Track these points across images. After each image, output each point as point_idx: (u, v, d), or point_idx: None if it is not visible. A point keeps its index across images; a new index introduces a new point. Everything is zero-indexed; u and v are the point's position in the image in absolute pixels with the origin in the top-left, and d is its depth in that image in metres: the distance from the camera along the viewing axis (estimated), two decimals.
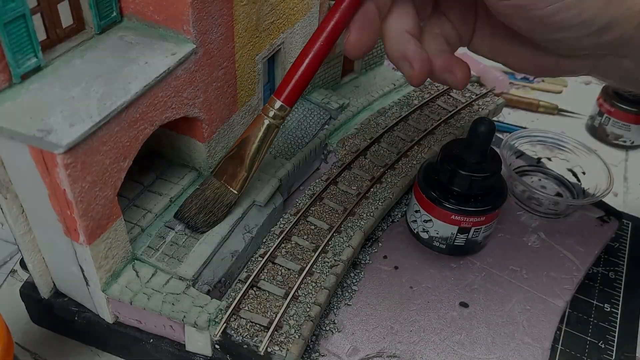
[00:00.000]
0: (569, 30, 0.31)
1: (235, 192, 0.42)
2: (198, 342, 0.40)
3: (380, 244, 0.51)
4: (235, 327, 0.39)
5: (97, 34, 0.37)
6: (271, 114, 0.39)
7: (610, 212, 0.55)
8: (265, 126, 0.40)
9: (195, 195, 0.43)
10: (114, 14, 0.38)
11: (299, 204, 0.49)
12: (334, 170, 0.52)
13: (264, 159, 0.43)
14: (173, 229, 0.43)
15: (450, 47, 0.36)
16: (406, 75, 0.34)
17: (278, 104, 0.38)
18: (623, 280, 0.52)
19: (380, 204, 0.49)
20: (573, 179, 0.59)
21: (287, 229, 0.46)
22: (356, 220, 0.48)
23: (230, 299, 0.40)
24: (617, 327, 0.48)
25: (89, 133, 0.31)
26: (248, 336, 0.38)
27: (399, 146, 0.55)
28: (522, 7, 0.30)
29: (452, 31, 0.37)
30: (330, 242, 0.45)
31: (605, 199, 0.55)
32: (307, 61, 0.36)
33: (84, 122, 0.31)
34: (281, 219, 0.47)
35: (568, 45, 0.33)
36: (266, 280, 0.42)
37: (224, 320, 0.38)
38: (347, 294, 0.46)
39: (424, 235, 0.49)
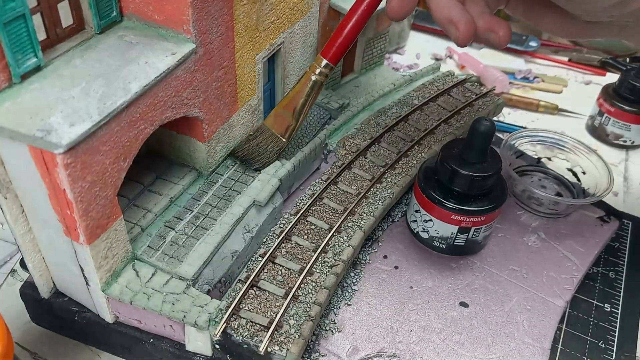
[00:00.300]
0: (595, 1, 0.34)
1: (284, 140, 0.48)
2: (198, 342, 0.40)
3: (380, 244, 0.51)
4: (235, 327, 0.39)
5: (97, 33, 0.37)
6: (317, 71, 0.44)
7: (610, 212, 0.55)
8: (312, 82, 0.45)
9: (248, 140, 0.48)
10: (114, 13, 0.38)
11: (299, 203, 0.49)
12: (334, 170, 0.52)
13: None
14: (173, 229, 0.43)
15: (490, 9, 0.39)
16: (453, 37, 0.37)
17: (324, 62, 0.43)
18: (623, 280, 0.52)
19: (380, 203, 0.49)
20: (573, 179, 0.59)
21: (287, 228, 0.46)
22: (356, 220, 0.48)
23: (230, 299, 0.40)
24: (617, 327, 0.48)
25: (89, 133, 0.31)
26: (248, 336, 0.38)
27: (399, 146, 0.55)
28: None
29: None
30: (330, 242, 0.45)
31: (606, 199, 0.55)
32: (351, 24, 0.41)
33: (84, 122, 0.31)
34: (281, 219, 0.47)
35: (595, 14, 0.36)
36: (266, 280, 0.42)
37: (224, 320, 0.38)
38: (347, 294, 0.46)
39: (424, 235, 0.49)
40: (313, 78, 0.44)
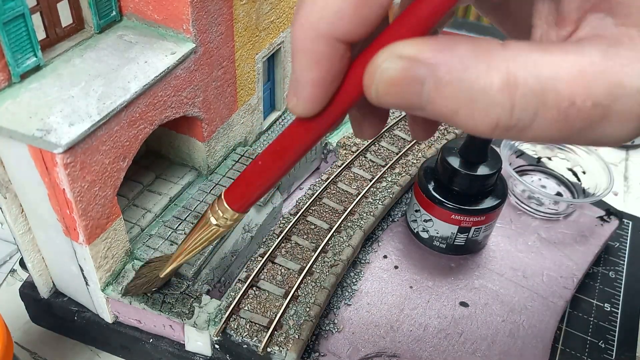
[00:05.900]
0: None
1: (160, 277, 0.38)
2: (198, 341, 0.40)
3: (380, 244, 0.51)
4: (235, 326, 0.38)
5: (96, 33, 0.37)
6: (220, 216, 0.31)
7: (610, 212, 0.55)
8: (211, 230, 0.32)
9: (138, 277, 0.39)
10: (114, 13, 0.38)
11: (299, 203, 0.49)
12: (334, 170, 0.52)
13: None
14: (172, 229, 0.43)
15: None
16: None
17: (229, 211, 0.30)
18: (623, 280, 0.52)
19: (380, 203, 0.49)
20: (573, 179, 0.59)
21: (287, 228, 0.46)
22: (356, 220, 0.48)
23: (230, 299, 0.40)
24: (617, 327, 0.48)
25: (89, 132, 0.31)
26: (247, 336, 0.38)
27: (399, 146, 0.55)
28: None
29: None
30: (330, 242, 0.45)
31: (606, 199, 0.54)
32: (276, 166, 0.25)
33: (84, 121, 0.31)
34: (281, 219, 0.47)
35: None
36: (266, 280, 0.42)
37: (223, 320, 0.38)
38: (347, 294, 0.46)
39: (424, 235, 0.49)
40: (214, 222, 0.31)
